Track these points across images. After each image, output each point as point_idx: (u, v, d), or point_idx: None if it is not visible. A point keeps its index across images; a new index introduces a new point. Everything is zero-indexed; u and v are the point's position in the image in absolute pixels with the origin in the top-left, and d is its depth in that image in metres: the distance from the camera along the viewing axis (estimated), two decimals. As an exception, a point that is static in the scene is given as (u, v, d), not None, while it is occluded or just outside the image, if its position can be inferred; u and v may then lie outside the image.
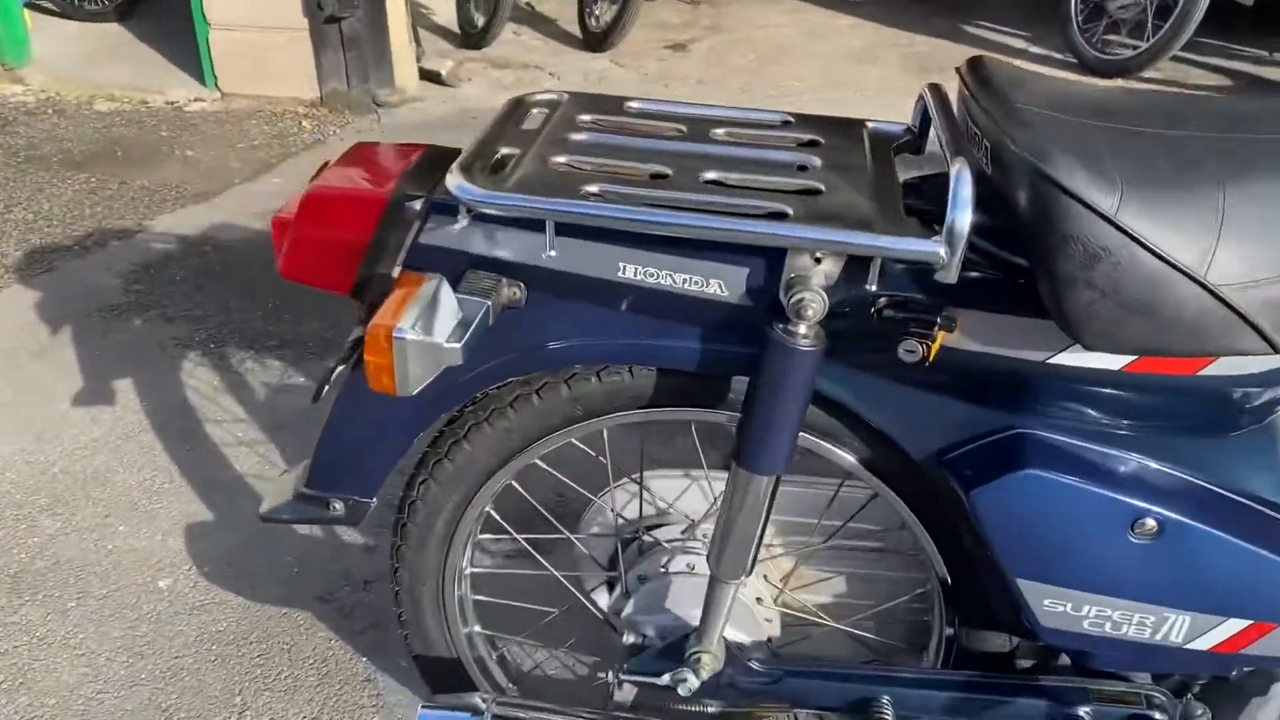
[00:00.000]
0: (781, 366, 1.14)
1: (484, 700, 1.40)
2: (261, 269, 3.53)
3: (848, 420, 1.31)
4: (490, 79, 5.53)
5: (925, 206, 1.17)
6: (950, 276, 1.06)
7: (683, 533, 1.52)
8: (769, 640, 1.50)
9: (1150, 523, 1.18)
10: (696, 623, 1.44)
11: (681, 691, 1.40)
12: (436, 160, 1.30)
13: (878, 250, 1.06)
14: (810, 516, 1.52)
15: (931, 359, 1.12)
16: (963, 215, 1.04)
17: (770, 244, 1.09)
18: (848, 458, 1.34)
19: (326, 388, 1.31)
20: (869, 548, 1.54)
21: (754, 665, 1.41)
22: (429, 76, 5.34)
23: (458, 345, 1.13)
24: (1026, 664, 1.47)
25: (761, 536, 1.27)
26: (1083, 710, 1.35)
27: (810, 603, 1.56)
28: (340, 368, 1.33)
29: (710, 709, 1.49)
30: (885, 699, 1.37)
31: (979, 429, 1.23)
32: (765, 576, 1.53)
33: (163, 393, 2.87)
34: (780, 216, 1.09)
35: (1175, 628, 1.23)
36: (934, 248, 1.04)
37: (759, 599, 1.50)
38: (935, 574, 1.42)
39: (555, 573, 1.56)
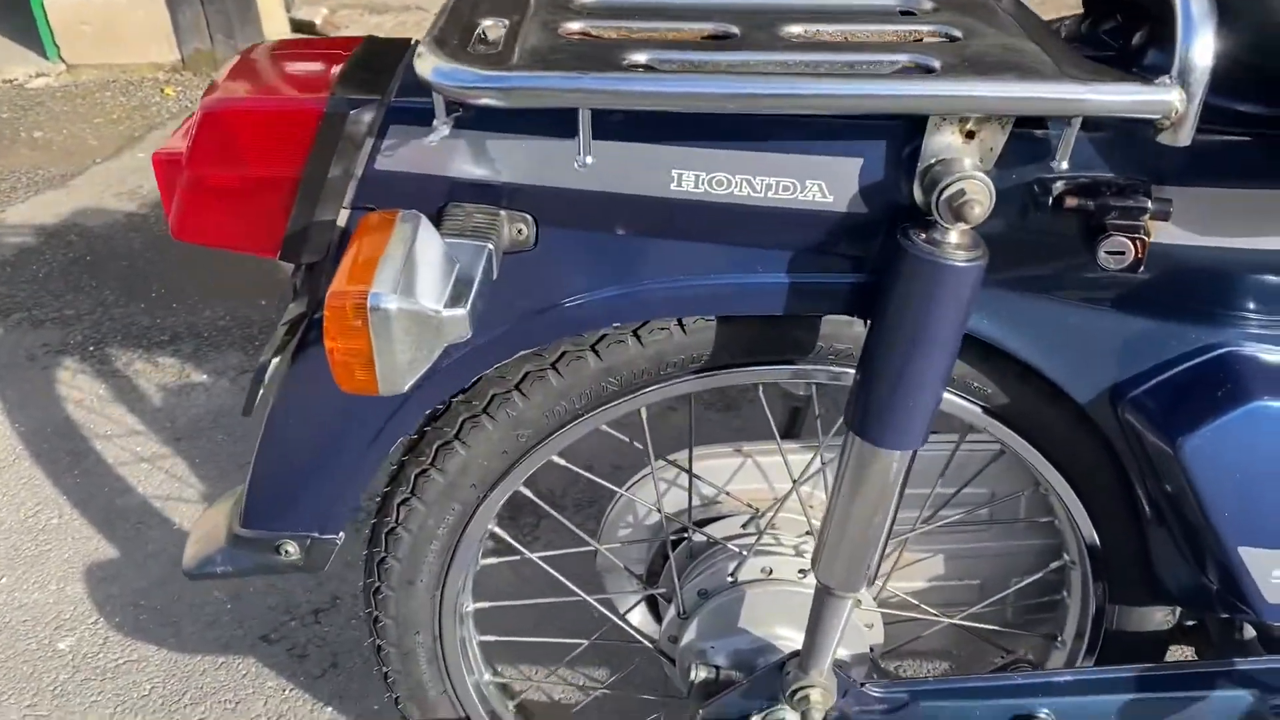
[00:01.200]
0: (927, 293, 0.79)
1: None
2: (139, 255, 3.06)
3: (978, 357, 0.98)
4: (369, 25, 5.04)
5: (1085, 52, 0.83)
6: (1183, 136, 0.72)
7: (744, 526, 1.18)
8: (871, 649, 1.17)
9: None
10: (782, 645, 1.11)
11: (777, 735, 1.07)
12: (381, 55, 0.92)
13: (1089, 106, 0.71)
14: (914, 486, 1.18)
15: (1145, 261, 0.79)
16: (1202, 43, 0.70)
17: (928, 110, 0.74)
18: (970, 407, 1.01)
19: (261, 391, 0.93)
20: (983, 520, 1.22)
21: (872, 692, 1.08)
22: (302, 28, 4.83)
23: (462, 312, 0.76)
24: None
25: (890, 534, 0.93)
26: (1297, 697, 1.05)
27: (912, 593, 1.23)
28: (275, 361, 0.95)
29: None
30: (1044, 712, 1.06)
31: (1174, 353, 0.91)
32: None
33: (38, 410, 2.41)
34: (923, 72, 0.74)
35: None
36: (1165, 96, 0.71)
37: (858, 600, 1.16)
38: (1080, 544, 1.10)
39: (589, 599, 1.21)
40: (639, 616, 1.28)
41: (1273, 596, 0.94)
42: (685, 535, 1.20)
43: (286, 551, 1.04)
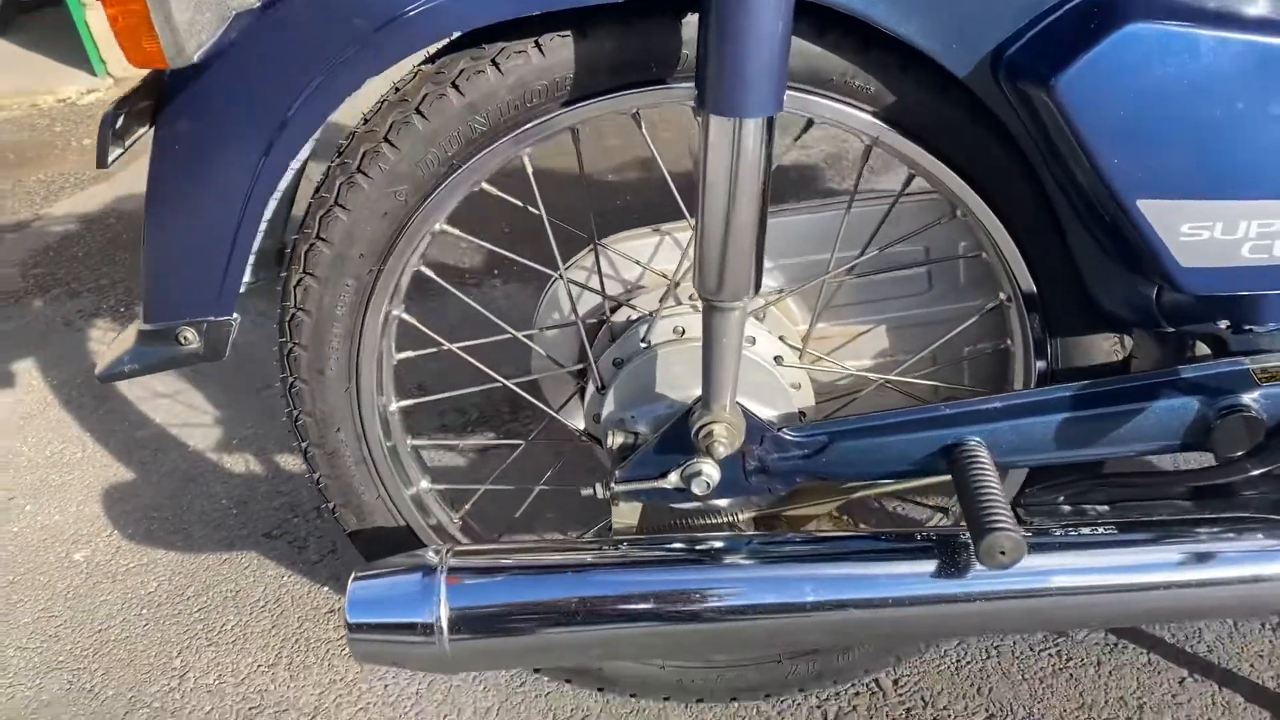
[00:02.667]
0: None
1: (437, 553, 1.02)
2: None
3: (853, 50, 0.92)
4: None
5: None
6: None
7: (661, 300, 1.14)
8: (802, 415, 1.12)
9: (1323, 71, 0.80)
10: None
11: (697, 489, 1.03)
12: None
13: None
14: (820, 251, 1.13)
15: None
16: None
17: None
18: (859, 114, 0.96)
19: (119, 152, 0.92)
20: (909, 266, 1.15)
21: (789, 435, 1.03)
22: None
23: (247, -26, 0.74)
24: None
25: (763, 221, 0.88)
26: (1248, 398, 0.97)
27: (852, 361, 1.18)
28: (141, 132, 0.95)
29: (742, 516, 1.12)
30: (973, 439, 1.00)
31: (1049, 3, 0.84)
32: (782, 338, 1.14)
33: (70, 366, 2.48)
34: None
35: (1376, 230, 0.85)
36: None
37: (778, 358, 1.11)
38: (1009, 273, 1.04)
39: (507, 384, 1.18)
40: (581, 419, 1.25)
41: (1187, 259, 0.87)
42: (604, 318, 1.16)
43: (186, 339, 1.04)
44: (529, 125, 0.97)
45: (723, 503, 1.14)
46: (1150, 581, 0.96)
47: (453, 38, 0.95)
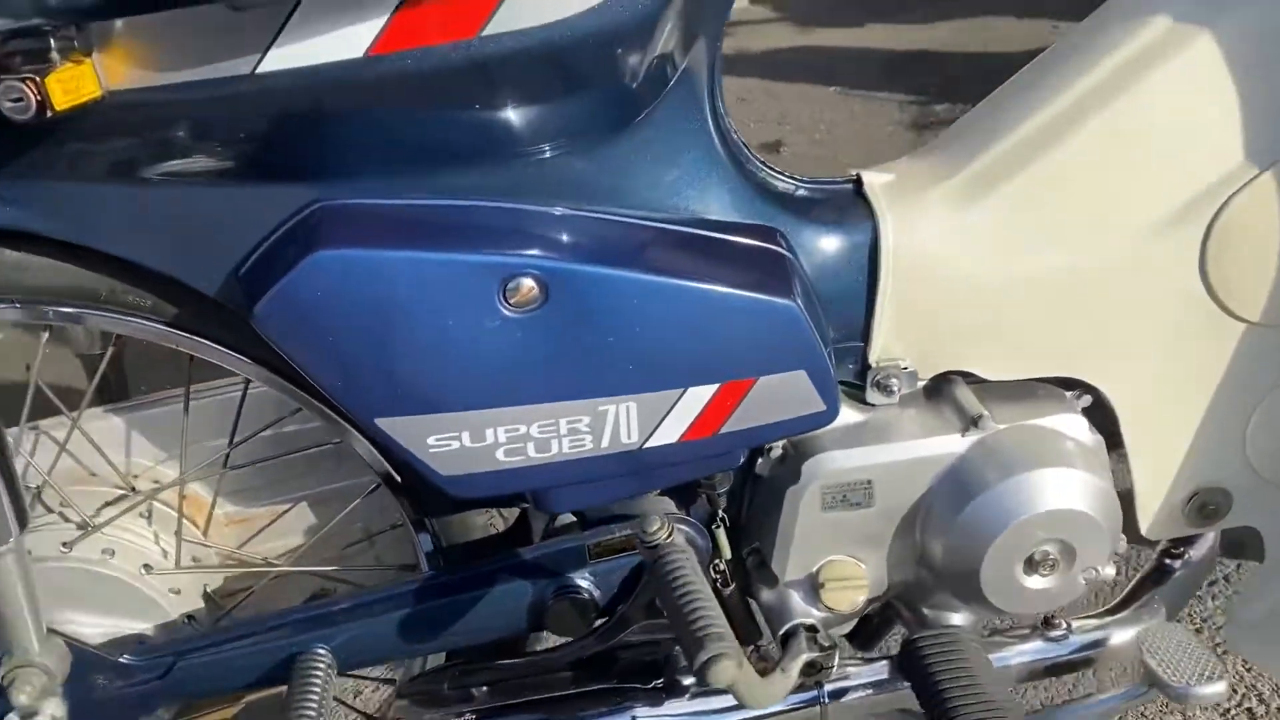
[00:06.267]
0: None
1: None
2: None
3: (107, 265, 0.88)
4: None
5: None
6: None
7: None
8: (190, 618, 1.07)
9: (526, 284, 0.80)
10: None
11: (30, 731, 0.95)
12: None
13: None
14: (207, 439, 1.08)
15: (59, 108, 0.70)
16: None
17: None
18: (150, 325, 0.91)
19: None
20: (284, 455, 1.11)
21: (127, 661, 0.97)
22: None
23: None
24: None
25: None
26: (579, 577, 0.96)
27: (242, 547, 1.13)
28: None
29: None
30: (320, 649, 0.96)
31: (274, 222, 0.82)
32: (158, 536, 1.08)
33: None
34: None
35: (622, 423, 0.85)
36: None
37: (146, 566, 1.05)
38: (374, 466, 1.01)
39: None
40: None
41: (445, 468, 0.85)
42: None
43: None
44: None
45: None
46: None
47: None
